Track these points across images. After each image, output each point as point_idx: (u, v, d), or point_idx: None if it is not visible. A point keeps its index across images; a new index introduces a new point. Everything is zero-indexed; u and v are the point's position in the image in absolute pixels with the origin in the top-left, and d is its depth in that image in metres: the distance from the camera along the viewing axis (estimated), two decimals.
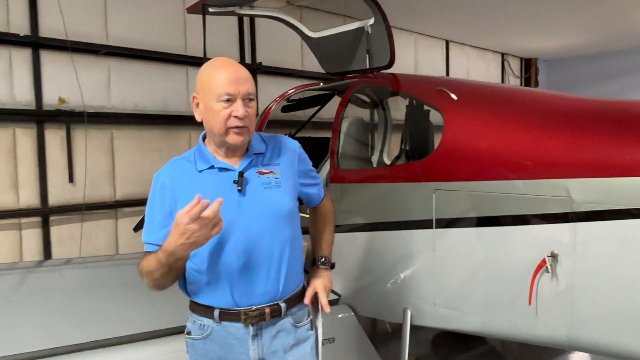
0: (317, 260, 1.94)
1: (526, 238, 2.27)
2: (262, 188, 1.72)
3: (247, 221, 1.68)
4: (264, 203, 1.71)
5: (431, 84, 3.09)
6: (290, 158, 1.83)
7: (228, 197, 1.60)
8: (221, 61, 1.71)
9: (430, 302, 2.60)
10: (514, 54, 10.59)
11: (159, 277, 1.65)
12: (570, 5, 6.89)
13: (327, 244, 1.99)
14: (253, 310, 1.71)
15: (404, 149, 3.51)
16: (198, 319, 1.77)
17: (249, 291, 1.71)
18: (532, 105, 2.71)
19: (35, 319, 2.63)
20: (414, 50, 8.51)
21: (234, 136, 1.67)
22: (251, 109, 1.67)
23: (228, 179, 1.70)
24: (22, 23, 4.68)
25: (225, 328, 1.73)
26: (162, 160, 6.02)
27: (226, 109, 1.64)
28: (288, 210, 1.76)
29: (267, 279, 1.72)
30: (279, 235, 1.73)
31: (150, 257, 1.67)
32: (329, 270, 1.93)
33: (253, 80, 1.72)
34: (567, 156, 2.21)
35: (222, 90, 1.64)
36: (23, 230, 4.78)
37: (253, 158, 1.76)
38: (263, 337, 1.73)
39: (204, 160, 1.75)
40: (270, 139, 1.86)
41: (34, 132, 4.77)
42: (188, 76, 5.79)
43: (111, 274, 3.73)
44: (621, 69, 9.90)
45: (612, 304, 2.07)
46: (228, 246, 1.68)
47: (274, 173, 1.76)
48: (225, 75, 1.65)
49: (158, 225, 1.70)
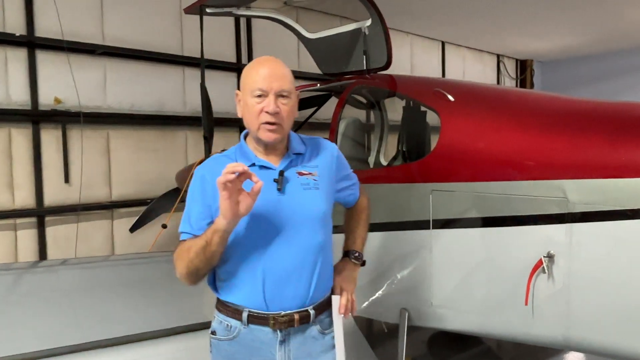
0: (350, 253, 1.91)
1: (523, 239, 2.29)
2: (301, 189, 1.72)
3: (285, 221, 1.68)
4: (302, 204, 1.71)
5: (428, 85, 3.10)
6: (329, 161, 1.84)
7: (267, 195, 1.61)
8: (261, 59, 1.74)
9: (427, 303, 2.61)
10: (510, 56, 10.63)
11: (197, 260, 1.63)
12: (565, 6, 6.93)
13: (361, 239, 1.96)
14: (282, 315, 1.69)
15: (401, 150, 3.52)
16: (225, 320, 1.75)
17: (280, 293, 1.69)
18: (528, 106, 2.73)
19: (31, 319, 2.63)
20: (410, 51, 8.53)
21: (266, 132, 1.68)
22: (285, 106, 1.67)
23: (268, 177, 1.69)
24: (17, 23, 4.66)
25: (253, 332, 1.71)
26: (159, 160, 5.99)
27: (258, 104, 1.66)
28: (324, 213, 1.76)
29: (299, 283, 1.70)
30: (313, 238, 1.72)
31: (188, 242, 1.66)
32: (359, 267, 1.92)
33: (291, 78, 1.72)
34: (563, 157, 2.22)
35: (255, 85, 1.66)
36: (18, 230, 4.76)
37: (293, 158, 1.76)
38: (290, 343, 1.72)
39: (245, 157, 1.75)
40: (309, 141, 1.86)
41: (30, 132, 4.75)
42: (184, 76, 5.79)
43: (107, 275, 3.72)
44: (616, 70, 9.95)
45: (607, 304, 2.09)
46: (264, 245, 1.67)
47: (313, 175, 1.76)
48: (260, 71, 1.67)
49: (197, 217, 1.70)
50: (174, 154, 5.72)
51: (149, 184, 5.46)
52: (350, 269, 1.88)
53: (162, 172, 5.54)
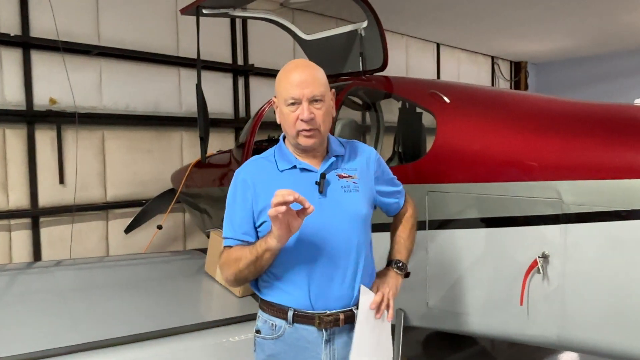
0: (393, 263, 1.89)
1: (518, 239, 2.30)
2: (342, 191, 1.74)
3: (327, 223, 1.69)
4: (343, 206, 1.72)
5: (424, 86, 3.11)
6: (367, 164, 1.84)
7: (309, 198, 1.61)
8: (292, 64, 1.73)
9: (423, 303, 2.62)
10: (504, 57, 10.69)
11: (247, 271, 1.66)
12: (560, 9, 6.97)
13: (406, 250, 1.94)
14: (328, 315, 1.70)
15: (397, 151, 3.53)
16: (269, 319, 1.76)
17: (325, 294, 1.70)
18: (523, 108, 2.75)
19: (26, 320, 2.62)
20: (405, 53, 8.56)
21: (304, 139, 1.69)
22: (319, 110, 1.68)
23: (309, 180, 1.72)
24: (12, 23, 4.65)
25: (298, 331, 1.72)
26: (154, 161, 5.98)
27: (293, 113, 1.67)
28: (364, 215, 1.77)
29: (343, 283, 1.72)
30: (355, 240, 1.73)
31: (237, 251, 1.68)
32: (401, 277, 1.88)
33: (323, 80, 1.71)
34: (557, 158, 2.24)
35: (288, 94, 1.67)
36: (12, 231, 4.74)
37: (333, 160, 1.77)
38: (335, 342, 1.72)
39: (286, 160, 1.76)
40: (347, 144, 1.87)
41: (24, 132, 4.74)
42: (180, 77, 5.79)
43: (102, 276, 3.71)
44: (610, 72, 10.02)
45: (602, 304, 2.10)
46: (307, 247, 1.68)
47: (353, 177, 1.78)
48: (291, 79, 1.67)
49: (240, 222, 1.72)
50: (170, 155, 5.72)
51: (144, 184, 5.46)
52: (391, 276, 1.86)
53: (158, 173, 5.54)
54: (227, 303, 3.01)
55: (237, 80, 6.32)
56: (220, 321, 2.65)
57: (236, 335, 2.49)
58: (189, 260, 4.20)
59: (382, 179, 1.91)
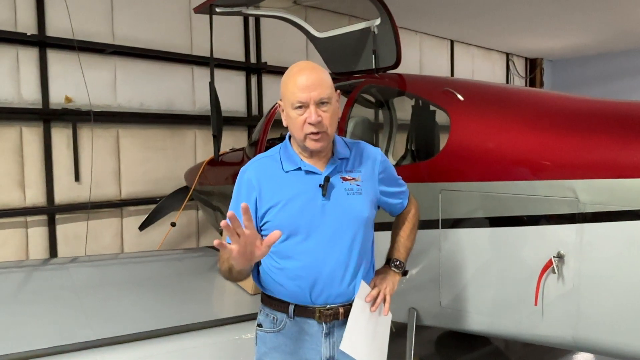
0: (391, 261, 1.93)
1: (533, 239, 2.28)
2: (345, 194, 1.76)
3: (329, 225, 1.72)
4: (345, 209, 1.75)
5: (437, 84, 3.08)
6: (372, 165, 1.86)
7: (312, 200, 1.70)
8: (296, 67, 1.73)
9: (436, 302, 2.60)
10: (519, 54, 10.56)
11: (230, 275, 1.72)
12: (576, 5, 6.87)
13: (405, 248, 1.97)
14: (327, 308, 1.75)
15: (409, 149, 3.51)
16: (271, 313, 1.81)
17: (325, 292, 1.74)
18: (538, 106, 2.71)
19: (42, 316, 2.65)
20: (418, 50, 8.50)
21: (312, 142, 1.70)
22: (326, 113, 1.68)
23: (313, 182, 1.74)
24: (29, 22, 4.71)
25: (299, 324, 1.77)
26: (168, 159, 6.02)
27: (301, 116, 1.68)
28: (367, 217, 1.79)
29: (342, 283, 1.75)
30: (357, 242, 1.76)
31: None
32: (399, 275, 1.91)
33: (329, 82, 1.71)
34: (573, 157, 2.20)
35: (294, 98, 1.67)
36: (29, 228, 4.81)
37: (338, 163, 1.79)
38: (335, 335, 1.76)
39: (291, 161, 1.78)
40: (353, 145, 1.88)
41: (41, 130, 4.80)
42: (194, 75, 5.82)
43: (117, 273, 3.75)
44: (626, 69, 9.86)
45: (617, 305, 2.07)
46: (309, 248, 1.72)
47: (356, 180, 1.79)
48: (297, 82, 1.67)
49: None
50: (183, 153, 5.75)
51: (158, 182, 5.50)
52: (389, 274, 1.89)
53: (171, 171, 5.58)
54: (239, 300, 3.03)
55: (250, 79, 6.33)
56: (232, 318, 2.67)
57: (248, 333, 2.49)
58: (202, 257, 4.22)
59: (387, 180, 1.91)
